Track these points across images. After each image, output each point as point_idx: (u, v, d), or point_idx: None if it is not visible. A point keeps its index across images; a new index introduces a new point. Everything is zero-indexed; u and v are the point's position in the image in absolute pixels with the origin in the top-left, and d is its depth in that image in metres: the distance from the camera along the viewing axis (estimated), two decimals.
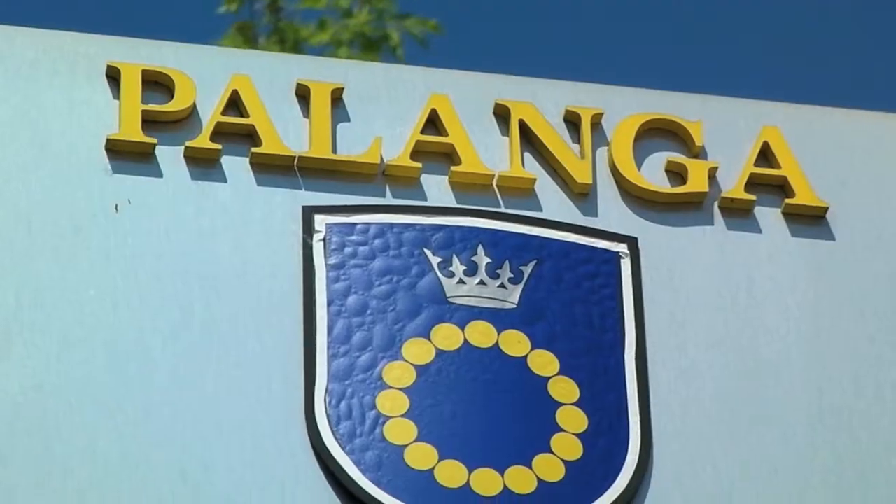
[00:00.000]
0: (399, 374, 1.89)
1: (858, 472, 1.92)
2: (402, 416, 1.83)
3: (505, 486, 1.79)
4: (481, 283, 1.97)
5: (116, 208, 1.82)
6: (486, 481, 1.79)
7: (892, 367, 2.03)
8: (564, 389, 1.91)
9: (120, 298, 1.85)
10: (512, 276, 2.00)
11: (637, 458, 1.90)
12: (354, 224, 2.00)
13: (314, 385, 1.86)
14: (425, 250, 2.00)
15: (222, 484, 1.81)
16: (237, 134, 1.97)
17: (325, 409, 1.86)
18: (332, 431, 1.85)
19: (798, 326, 2.03)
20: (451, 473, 1.80)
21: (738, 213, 2.06)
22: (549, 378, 1.91)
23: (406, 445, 1.83)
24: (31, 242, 1.82)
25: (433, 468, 1.83)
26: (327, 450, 1.81)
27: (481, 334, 1.92)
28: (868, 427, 1.96)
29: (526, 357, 1.94)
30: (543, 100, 2.09)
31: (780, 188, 2.05)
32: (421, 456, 1.83)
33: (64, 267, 1.85)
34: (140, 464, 1.76)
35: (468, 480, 1.78)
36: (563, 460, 1.85)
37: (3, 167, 1.88)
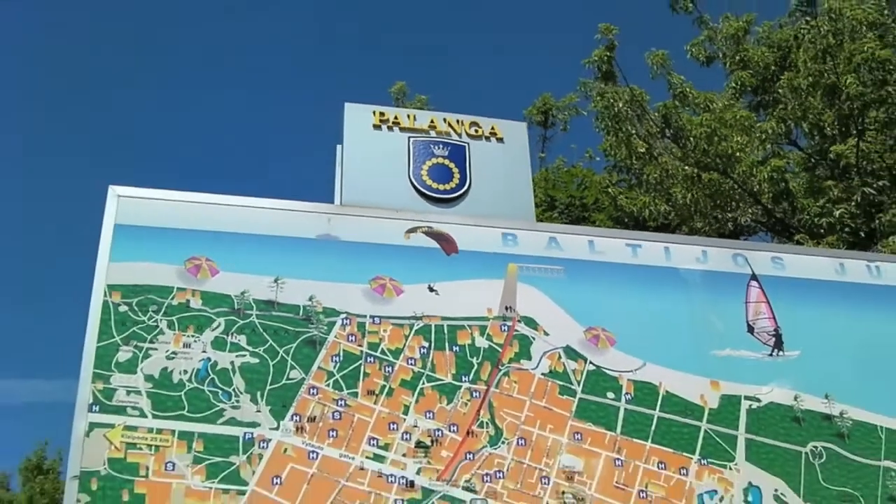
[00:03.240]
0: (430, 161, 6.81)
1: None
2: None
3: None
4: (442, 146, 6.90)
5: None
6: None
7: None
8: (452, 169, 6.82)
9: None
10: (451, 146, 6.94)
11: (469, 181, 6.83)
12: (418, 139, 6.85)
13: (412, 163, 6.78)
14: (430, 145, 6.87)
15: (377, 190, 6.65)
16: (398, 125, 6.88)
17: (412, 168, 6.77)
18: (414, 174, 6.75)
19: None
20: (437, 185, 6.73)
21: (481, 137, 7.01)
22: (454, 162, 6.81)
23: (424, 178, 6.71)
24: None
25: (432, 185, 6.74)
26: (411, 181, 6.71)
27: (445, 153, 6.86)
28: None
29: (448, 155, 6.83)
30: (445, 112, 6.96)
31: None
32: (431, 183, 6.71)
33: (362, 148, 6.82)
34: None
35: None
36: (456, 173, 6.82)
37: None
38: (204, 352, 5.77)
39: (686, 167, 15.72)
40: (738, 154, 15.42)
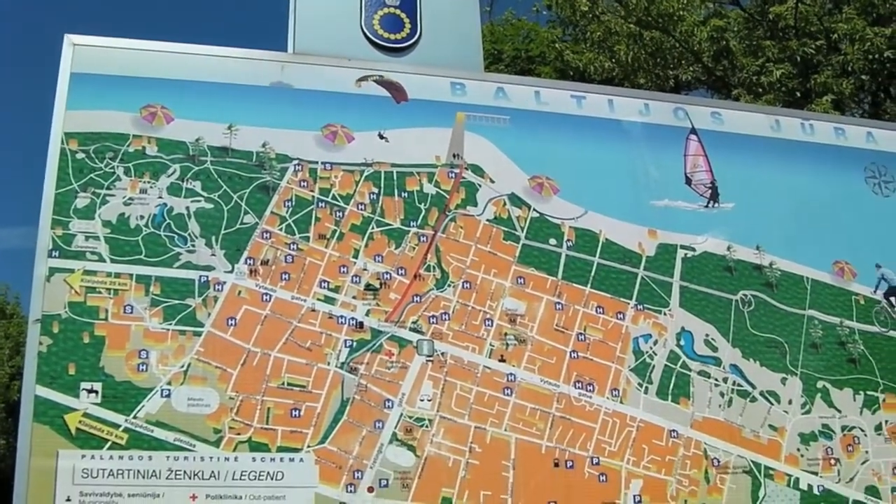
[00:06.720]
0: (381, 10, 6.58)
1: None
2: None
3: None
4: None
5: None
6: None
7: None
8: (403, 19, 6.63)
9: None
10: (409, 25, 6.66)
11: (420, 31, 6.57)
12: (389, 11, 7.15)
13: (364, 12, 6.53)
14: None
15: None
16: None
17: (364, 17, 6.50)
18: (366, 24, 6.48)
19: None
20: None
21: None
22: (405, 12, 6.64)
23: (376, 28, 6.71)
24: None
25: (384, 35, 6.71)
26: (363, 30, 6.44)
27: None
28: None
29: (399, 5, 6.60)
30: None
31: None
32: (383, 32, 6.61)
33: None
34: None
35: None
36: (407, 23, 6.65)
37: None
38: (160, 198, 5.73)
39: (630, 25, 15.60)
40: (680, 13, 15.29)
